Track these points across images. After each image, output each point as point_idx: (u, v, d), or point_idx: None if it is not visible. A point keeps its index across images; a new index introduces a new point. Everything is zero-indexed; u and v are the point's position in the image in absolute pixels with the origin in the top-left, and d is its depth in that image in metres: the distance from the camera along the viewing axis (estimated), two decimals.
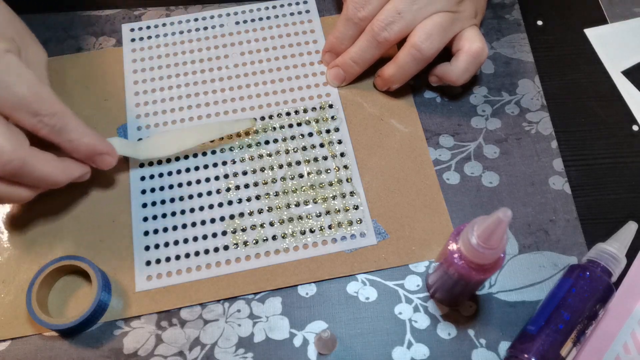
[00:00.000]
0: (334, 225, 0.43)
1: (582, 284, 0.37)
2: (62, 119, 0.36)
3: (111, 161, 0.41)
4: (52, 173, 0.37)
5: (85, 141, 0.38)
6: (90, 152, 0.39)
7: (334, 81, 0.48)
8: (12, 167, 0.34)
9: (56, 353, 0.39)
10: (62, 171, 0.37)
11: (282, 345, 0.39)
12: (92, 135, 0.39)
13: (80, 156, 0.39)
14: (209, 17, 0.52)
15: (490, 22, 0.52)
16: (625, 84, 0.49)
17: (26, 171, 0.35)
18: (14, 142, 0.34)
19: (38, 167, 0.36)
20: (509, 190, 0.44)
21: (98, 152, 0.39)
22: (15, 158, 0.34)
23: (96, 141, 0.39)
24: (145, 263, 0.42)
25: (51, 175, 0.37)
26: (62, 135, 0.37)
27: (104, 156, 0.40)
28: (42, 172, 0.36)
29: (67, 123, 0.36)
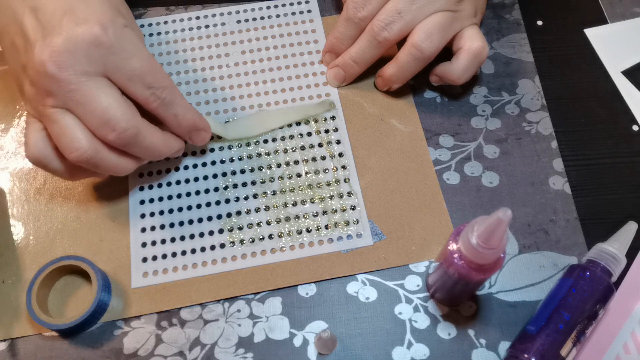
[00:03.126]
0: (331, 225, 0.43)
1: (582, 284, 0.37)
2: (172, 93, 0.38)
3: (207, 137, 0.43)
4: (158, 144, 0.39)
5: (189, 116, 0.40)
6: (191, 127, 0.41)
7: (334, 81, 0.48)
8: (127, 135, 0.36)
9: (56, 353, 0.39)
10: (164, 143, 0.39)
11: (282, 345, 0.39)
12: (195, 111, 0.41)
13: (182, 130, 0.40)
14: (210, 16, 0.52)
15: (490, 22, 0.52)
16: (625, 84, 0.49)
17: (138, 140, 0.37)
18: (129, 113, 0.36)
19: (148, 137, 0.38)
20: (509, 190, 0.44)
21: (198, 127, 0.41)
22: (131, 127, 0.36)
23: (197, 117, 0.41)
24: (142, 260, 0.42)
25: (158, 146, 0.39)
26: (169, 109, 0.38)
27: (201, 132, 0.42)
28: (152, 142, 0.38)
29: (175, 97, 0.39)
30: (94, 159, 0.36)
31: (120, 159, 0.38)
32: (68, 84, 0.34)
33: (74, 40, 0.34)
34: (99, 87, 0.35)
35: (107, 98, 0.35)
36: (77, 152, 0.35)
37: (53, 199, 0.44)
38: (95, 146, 0.36)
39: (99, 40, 0.34)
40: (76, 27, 0.34)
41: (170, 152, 0.41)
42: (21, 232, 0.43)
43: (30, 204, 0.44)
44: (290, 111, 0.46)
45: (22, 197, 0.44)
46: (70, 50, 0.34)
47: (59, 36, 0.34)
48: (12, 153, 0.46)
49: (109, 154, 0.37)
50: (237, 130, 0.46)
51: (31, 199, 0.44)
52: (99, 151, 0.36)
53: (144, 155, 0.39)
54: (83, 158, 0.35)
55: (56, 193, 0.44)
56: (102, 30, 0.34)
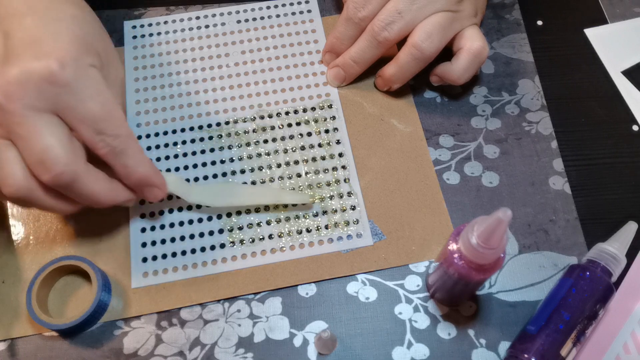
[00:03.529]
0: (331, 225, 0.43)
1: (582, 284, 0.37)
2: (124, 142, 0.36)
3: (159, 195, 0.40)
4: (99, 193, 0.36)
5: (140, 170, 0.37)
6: (142, 181, 0.38)
7: (334, 81, 0.48)
8: (62, 179, 0.34)
9: (56, 353, 0.39)
10: (108, 193, 0.37)
11: (282, 345, 0.39)
12: (148, 165, 0.38)
13: (131, 183, 0.38)
14: (210, 16, 0.52)
15: (490, 22, 0.52)
16: (625, 84, 0.49)
17: (76, 186, 0.35)
18: (71, 155, 0.34)
19: (88, 185, 0.35)
20: (509, 190, 0.44)
21: (150, 183, 0.39)
22: (69, 171, 0.34)
23: (150, 172, 0.38)
24: (142, 260, 0.42)
25: (98, 195, 0.36)
26: (119, 159, 0.36)
27: (154, 189, 0.39)
28: (91, 190, 0.36)
29: (128, 148, 0.36)
30: (28, 198, 0.35)
31: (57, 202, 0.36)
32: (13, 116, 0.33)
33: (28, 73, 0.33)
34: (44, 125, 0.33)
35: (50, 137, 0.33)
36: (10, 188, 0.34)
37: None
38: (30, 185, 0.34)
39: (54, 77, 0.33)
40: (34, 60, 0.33)
41: (114, 202, 0.38)
42: (21, 232, 0.43)
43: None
44: (263, 192, 0.43)
45: None
46: (22, 82, 0.33)
47: (14, 67, 0.33)
48: None
49: (44, 195, 0.35)
50: (202, 195, 0.42)
51: None
52: (34, 190, 0.34)
53: (82, 201, 0.37)
54: (16, 195, 0.34)
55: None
56: (59, 68, 0.33)
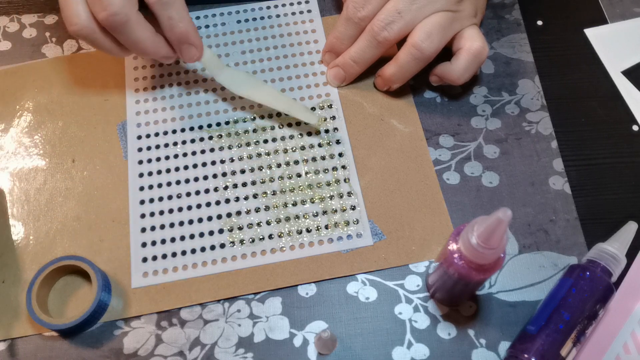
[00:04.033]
0: (331, 225, 0.43)
1: (582, 284, 0.37)
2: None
3: (195, 55, 0.43)
4: (145, 41, 0.40)
5: (182, 25, 0.40)
6: (182, 36, 0.41)
7: (334, 81, 0.48)
8: (116, 20, 0.37)
9: (56, 353, 0.39)
10: (152, 44, 0.40)
11: (282, 345, 0.39)
12: (191, 24, 0.41)
13: (173, 36, 0.41)
14: (210, 16, 0.52)
15: (490, 22, 0.52)
16: (625, 84, 0.49)
17: (126, 29, 0.38)
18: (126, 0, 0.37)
19: (136, 30, 0.39)
20: (509, 190, 0.44)
21: (188, 40, 0.41)
22: (121, 13, 0.37)
23: (191, 30, 0.41)
24: (142, 260, 0.42)
25: (144, 43, 0.40)
26: (165, 10, 0.39)
27: (191, 47, 0.42)
28: (138, 36, 0.39)
29: (174, 1, 0.39)
30: (89, 37, 0.39)
31: (111, 44, 0.40)
32: None
33: None
34: None
35: None
36: (75, 27, 0.38)
37: (53, 199, 0.44)
38: (91, 25, 0.38)
39: None
40: None
41: (156, 55, 0.41)
42: (21, 232, 0.43)
43: (30, 204, 0.44)
44: (280, 99, 0.46)
45: (22, 197, 0.44)
46: None
47: None
48: (12, 153, 0.46)
49: (102, 36, 0.39)
50: (229, 79, 0.46)
51: (31, 199, 0.44)
52: (94, 31, 0.39)
53: (130, 47, 0.40)
54: (80, 33, 0.38)
55: (56, 193, 0.44)
56: None
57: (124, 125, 0.47)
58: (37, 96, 0.48)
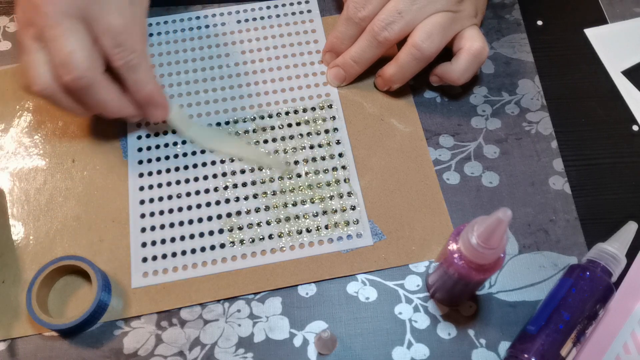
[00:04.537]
0: (331, 226, 0.43)
1: (582, 284, 0.37)
2: (138, 58, 0.39)
3: (161, 116, 0.43)
4: (109, 103, 0.40)
5: (148, 87, 0.41)
6: (148, 98, 0.41)
7: (334, 81, 0.48)
8: (81, 82, 0.38)
9: (56, 353, 0.39)
10: (117, 105, 0.40)
11: (282, 345, 0.39)
12: (156, 86, 0.42)
13: (139, 98, 0.41)
14: (211, 16, 0.52)
15: (490, 22, 0.52)
16: (625, 84, 0.49)
17: (91, 91, 0.38)
18: (91, 62, 0.38)
19: (100, 93, 0.39)
20: (509, 190, 0.44)
21: (154, 102, 0.42)
22: (86, 77, 0.37)
23: (156, 92, 0.42)
24: (142, 260, 0.42)
25: (108, 104, 0.40)
26: (131, 73, 0.40)
27: (157, 108, 0.43)
28: (103, 98, 0.39)
29: (141, 64, 0.40)
30: (51, 98, 0.39)
31: (74, 105, 0.40)
32: (47, 18, 0.37)
33: None
34: (72, 30, 0.37)
35: (75, 42, 0.37)
36: (38, 87, 0.38)
37: (53, 199, 0.44)
38: (54, 86, 0.38)
39: None
40: None
41: (121, 115, 0.41)
42: (21, 232, 0.43)
43: (30, 204, 0.44)
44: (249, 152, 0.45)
45: (22, 197, 0.44)
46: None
47: None
48: (12, 153, 0.46)
49: (65, 97, 0.39)
50: (197, 134, 0.45)
51: (31, 199, 0.44)
52: (56, 92, 0.39)
53: (95, 108, 0.40)
54: (42, 94, 0.38)
55: (56, 193, 0.44)
56: None
57: (124, 125, 0.47)
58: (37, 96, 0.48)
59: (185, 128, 0.45)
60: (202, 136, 0.46)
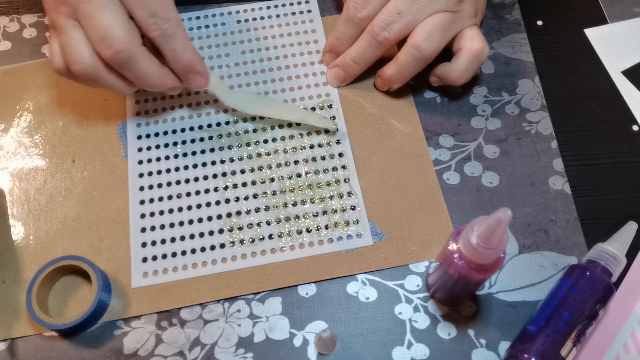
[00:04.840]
0: (331, 225, 0.43)
1: (582, 284, 0.37)
2: (174, 27, 0.39)
3: (202, 83, 0.43)
4: (151, 75, 0.39)
5: (186, 55, 0.40)
6: (187, 66, 0.41)
7: (334, 81, 0.48)
8: (121, 56, 0.37)
9: (56, 353, 0.39)
10: (159, 77, 0.40)
11: (282, 345, 0.39)
12: (195, 53, 0.41)
13: (178, 67, 0.41)
14: (210, 16, 0.52)
15: (490, 22, 0.52)
16: (625, 84, 0.49)
17: (132, 64, 0.38)
18: (129, 35, 0.37)
19: (143, 65, 0.39)
20: (509, 190, 0.44)
21: (194, 69, 0.41)
22: (126, 49, 0.37)
23: (196, 59, 0.41)
24: (142, 260, 0.42)
25: (150, 76, 0.40)
26: (168, 42, 0.39)
27: (197, 76, 0.42)
28: (144, 70, 0.39)
29: (177, 32, 0.39)
30: (93, 75, 0.38)
31: (117, 81, 0.40)
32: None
33: None
34: (107, 4, 0.37)
35: (111, 16, 0.36)
36: (78, 66, 0.38)
37: (53, 199, 0.44)
38: (95, 63, 0.38)
39: None
40: None
41: (163, 87, 0.41)
42: (21, 232, 0.43)
43: (30, 204, 0.44)
44: (293, 111, 0.46)
45: (22, 197, 0.44)
46: None
47: None
48: (12, 153, 0.46)
49: (107, 73, 0.39)
50: (238, 101, 0.46)
51: (31, 199, 0.44)
52: (99, 69, 0.38)
53: (137, 81, 0.40)
54: (84, 72, 0.38)
55: (56, 193, 0.44)
56: None
57: (124, 125, 0.47)
58: (37, 96, 0.48)
59: (226, 95, 0.45)
60: (243, 102, 0.46)
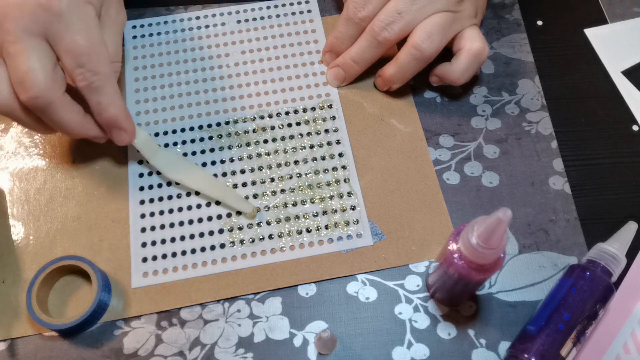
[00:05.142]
0: (331, 226, 0.43)
1: (582, 284, 0.37)
2: (102, 81, 0.38)
3: (126, 139, 0.42)
4: (71, 123, 0.38)
5: (112, 110, 0.39)
6: (111, 121, 0.40)
7: (334, 81, 0.48)
8: (38, 102, 0.36)
9: (56, 353, 0.39)
10: (79, 125, 0.39)
11: (282, 345, 0.39)
12: (120, 108, 0.40)
13: (102, 121, 0.40)
14: (210, 16, 0.52)
15: (490, 22, 0.52)
16: (625, 84, 0.49)
17: (50, 112, 0.37)
18: (50, 82, 0.36)
19: (61, 113, 0.38)
20: (509, 190, 0.44)
21: (118, 125, 0.40)
22: (43, 96, 0.36)
23: (121, 115, 0.40)
24: (142, 260, 0.42)
25: (69, 125, 0.38)
26: (94, 95, 0.38)
27: (121, 132, 0.41)
28: (63, 119, 0.38)
29: (104, 86, 0.38)
30: (10, 115, 0.38)
31: (34, 123, 0.39)
32: (8, 34, 0.35)
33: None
34: (33, 48, 0.36)
35: (35, 61, 0.36)
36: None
37: (53, 199, 0.44)
38: (12, 104, 0.37)
39: (49, 5, 0.35)
40: None
41: (85, 136, 0.40)
42: (21, 232, 0.43)
43: (30, 204, 0.44)
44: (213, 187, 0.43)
45: (22, 197, 0.44)
46: (20, 5, 0.35)
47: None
48: (12, 153, 0.46)
49: (24, 115, 0.38)
50: (162, 163, 0.44)
51: (31, 199, 0.44)
52: (15, 109, 0.37)
53: (56, 127, 0.39)
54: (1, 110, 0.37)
55: (56, 193, 0.44)
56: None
57: None
58: None
59: (152, 154, 0.43)
60: (169, 164, 0.44)
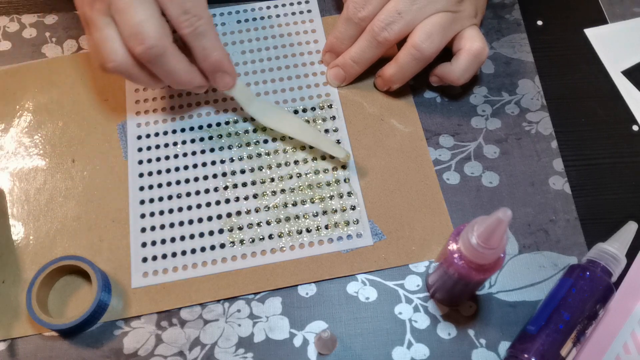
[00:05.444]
0: (331, 225, 0.43)
1: (582, 284, 0.37)
2: (205, 25, 0.39)
3: (229, 83, 0.43)
4: (179, 72, 0.40)
5: (216, 54, 0.41)
6: (216, 64, 0.41)
7: (334, 81, 0.48)
8: (152, 52, 0.37)
9: (56, 353, 0.39)
10: (187, 74, 0.40)
11: (282, 345, 0.39)
12: (224, 52, 0.41)
13: (207, 66, 0.41)
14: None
15: (490, 22, 0.52)
16: (625, 84, 0.49)
17: (162, 61, 0.38)
18: (160, 32, 0.37)
19: (172, 62, 0.39)
20: (509, 190, 0.44)
21: (222, 68, 0.42)
22: (157, 46, 0.37)
23: (225, 59, 0.42)
24: (142, 260, 0.42)
25: (178, 74, 0.40)
26: (199, 40, 0.40)
27: (225, 75, 0.42)
28: (173, 68, 0.39)
29: (208, 30, 0.39)
30: (125, 72, 0.39)
31: (147, 78, 0.40)
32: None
33: None
34: (141, 1, 0.37)
35: (144, 12, 0.37)
36: (112, 64, 0.38)
37: (53, 199, 0.44)
38: (128, 61, 0.38)
39: None
40: None
41: (190, 85, 0.41)
42: (21, 232, 0.43)
43: (30, 204, 0.44)
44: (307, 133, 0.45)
45: (22, 197, 0.44)
46: None
47: None
48: (12, 153, 0.46)
49: (139, 71, 0.39)
50: (258, 111, 0.45)
51: (31, 199, 0.44)
52: (131, 66, 0.39)
53: (165, 78, 0.40)
54: (117, 69, 0.38)
55: (56, 193, 0.44)
56: None
57: (124, 125, 0.47)
58: (37, 96, 0.48)
59: (249, 102, 0.45)
60: (263, 113, 0.45)
